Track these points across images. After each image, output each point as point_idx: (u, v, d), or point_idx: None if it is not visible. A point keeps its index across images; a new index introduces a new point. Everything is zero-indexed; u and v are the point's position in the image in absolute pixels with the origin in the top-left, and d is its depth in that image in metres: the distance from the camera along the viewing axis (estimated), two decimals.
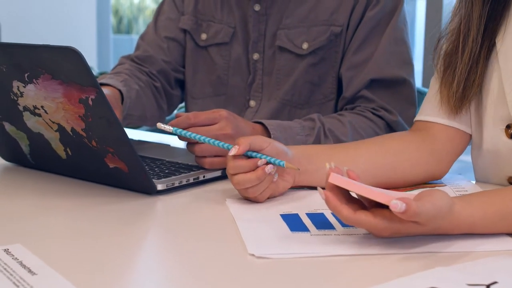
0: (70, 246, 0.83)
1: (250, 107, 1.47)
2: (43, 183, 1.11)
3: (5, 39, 4.24)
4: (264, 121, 1.22)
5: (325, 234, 0.86)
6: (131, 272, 0.77)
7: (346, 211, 0.82)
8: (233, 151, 0.97)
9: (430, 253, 0.82)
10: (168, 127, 1.06)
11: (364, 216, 0.81)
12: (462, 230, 0.86)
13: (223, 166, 1.12)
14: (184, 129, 1.11)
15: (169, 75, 1.53)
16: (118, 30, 8.25)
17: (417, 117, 1.18)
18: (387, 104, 1.37)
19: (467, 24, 1.10)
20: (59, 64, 0.94)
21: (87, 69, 0.91)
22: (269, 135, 1.20)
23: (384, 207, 0.81)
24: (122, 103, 1.33)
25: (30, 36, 4.52)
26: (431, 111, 1.15)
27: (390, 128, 1.37)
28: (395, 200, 0.78)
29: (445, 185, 1.12)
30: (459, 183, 1.14)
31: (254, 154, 0.98)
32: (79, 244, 0.84)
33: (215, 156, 1.13)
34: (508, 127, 1.09)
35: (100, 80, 1.36)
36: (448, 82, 1.12)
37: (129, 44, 6.81)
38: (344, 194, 0.84)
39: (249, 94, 1.47)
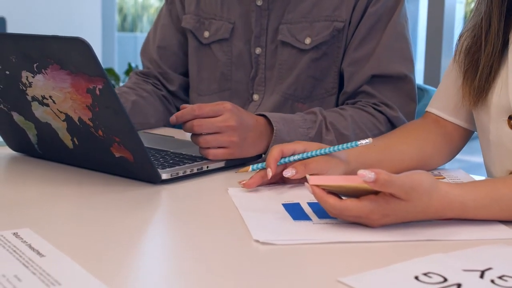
0: (77, 231, 0.86)
1: (254, 101, 1.49)
2: (50, 172, 1.14)
3: None
4: (267, 114, 1.24)
5: (326, 223, 0.88)
6: (136, 256, 0.79)
7: (332, 199, 0.85)
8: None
9: (428, 241, 0.84)
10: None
11: (349, 202, 0.85)
12: (454, 211, 0.87)
13: (226, 157, 1.15)
14: (188, 120, 1.13)
15: (171, 82, 1.60)
16: (122, 28, 8.28)
17: (432, 110, 1.24)
18: (388, 99, 1.39)
19: (488, 20, 1.13)
20: (67, 54, 0.96)
21: (95, 59, 0.94)
22: (272, 128, 1.23)
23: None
24: None
25: (35, 32, 4.55)
26: (444, 106, 1.22)
27: (391, 123, 1.39)
28: (362, 170, 0.81)
29: (444, 178, 1.14)
30: (458, 175, 1.16)
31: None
32: (85, 230, 0.86)
33: (219, 147, 1.15)
34: (510, 118, 1.11)
35: None
36: (470, 78, 1.16)
37: (133, 42, 6.85)
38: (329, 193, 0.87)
39: (252, 88, 1.49)
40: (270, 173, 1.02)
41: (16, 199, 0.99)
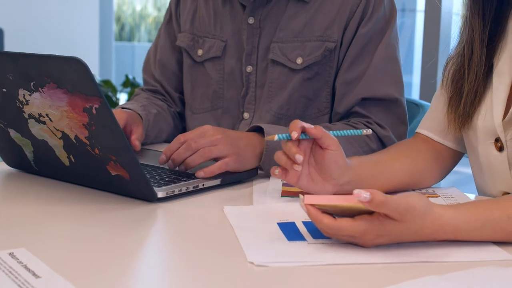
0: (72, 250, 0.86)
1: (244, 119, 1.49)
2: (46, 189, 1.14)
3: (8, 46, 4.27)
4: (260, 125, 1.27)
5: (322, 243, 0.88)
6: (131, 277, 0.79)
7: (327, 219, 0.86)
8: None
9: (422, 262, 0.84)
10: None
11: (344, 221, 0.85)
12: (447, 233, 0.88)
13: (223, 168, 1.18)
14: (176, 149, 1.19)
15: (176, 102, 1.61)
16: (120, 37, 8.29)
17: (421, 131, 1.26)
18: (380, 120, 1.40)
19: (470, 48, 1.15)
20: (64, 73, 0.97)
21: (92, 79, 0.94)
22: (260, 135, 1.26)
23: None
24: None
25: (33, 43, 4.56)
26: (433, 127, 1.24)
27: (382, 142, 1.39)
28: (358, 190, 0.82)
29: (438, 196, 1.15)
30: (452, 193, 1.17)
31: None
32: (81, 249, 0.86)
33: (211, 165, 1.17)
34: (497, 140, 1.12)
35: (121, 106, 1.46)
36: (455, 106, 1.18)
37: (130, 51, 6.85)
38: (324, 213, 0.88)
39: (243, 106, 1.49)
40: (295, 134, 1.04)
41: (12, 217, 1.00)
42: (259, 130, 1.28)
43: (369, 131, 1.10)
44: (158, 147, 1.48)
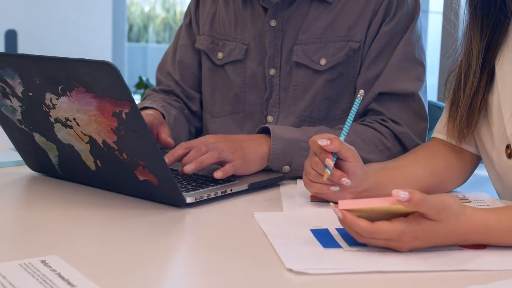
0: (103, 258, 0.84)
1: (268, 122, 1.47)
2: (72, 194, 1.13)
3: (21, 47, 4.27)
4: (266, 125, 1.28)
5: (358, 251, 0.86)
6: (168, 285, 0.78)
7: (364, 223, 0.85)
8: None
9: (460, 271, 0.82)
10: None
11: (381, 224, 0.85)
12: (478, 233, 0.88)
13: (233, 170, 1.19)
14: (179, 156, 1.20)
15: (193, 101, 1.58)
16: (128, 38, 8.30)
17: (437, 136, 1.25)
18: (395, 116, 1.37)
19: (467, 61, 1.16)
20: (94, 78, 0.96)
21: (123, 83, 0.93)
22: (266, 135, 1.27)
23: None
24: None
25: (46, 44, 4.56)
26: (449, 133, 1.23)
27: (398, 139, 1.37)
28: (396, 189, 0.82)
29: (470, 201, 1.13)
30: (483, 198, 1.15)
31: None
32: (113, 256, 0.85)
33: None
34: (507, 147, 1.11)
35: (142, 104, 1.44)
36: (453, 117, 1.19)
37: (141, 52, 6.85)
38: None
39: (267, 110, 1.47)
40: (330, 162, 1.04)
41: (40, 222, 0.98)
42: (266, 131, 1.29)
43: (362, 92, 1.10)
44: None
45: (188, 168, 1.16)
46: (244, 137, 1.27)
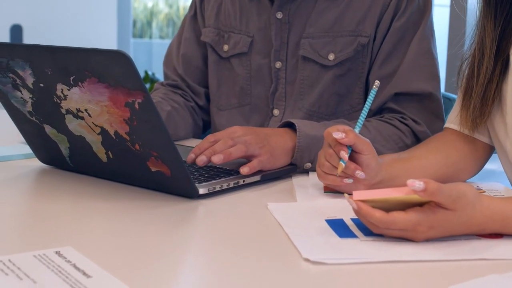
0: (117, 248, 0.84)
1: (274, 116, 1.46)
2: (83, 186, 1.12)
3: (26, 42, 4.26)
4: (291, 120, 1.26)
5: (374, 240, 0.86)
6: (182, 275, 0.77)
7: (379, 213, 0.85)
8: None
9: (477, 260, 0.82)
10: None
11: (396, 214, 0.84)
12: (495, 222, 0.87)
13: (260, 166, 1.16)
14: (206, 148, 1.17)
15: (199, 95, 1.58)
16: (132, 34, 8.28)
17: (450, 126, 1.24)
18: (414, 115, 1.37)
19: (481, 50, 1.16)
20: (107, 68, 0.95)
21: (136, 73, 0.92)
22: (292, 130, 1.25)
23: None
24: None
25: (51, 39, 4.54)
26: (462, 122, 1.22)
27: (416, 137, 1.36)
28: (411, 180, 0.81)
29: (485, 191, 1.12)
30: (497, 188, 1.15)
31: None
32: (127, 247, 0.84)
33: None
34: None
35: None
36: (466, 106, 1.18)
37: (146, 48, 6.84)
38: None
39: (273, 103, 1.46)
40: (345, 155, 1.04)
41: (52, 214, 0.98)
42: (289, 126, 1.26)
43: (377, 83, 1.09)
44: (188, 142, 1.46)
45: (217, 159, 1.13)
46: (270, 131, 1.24)
